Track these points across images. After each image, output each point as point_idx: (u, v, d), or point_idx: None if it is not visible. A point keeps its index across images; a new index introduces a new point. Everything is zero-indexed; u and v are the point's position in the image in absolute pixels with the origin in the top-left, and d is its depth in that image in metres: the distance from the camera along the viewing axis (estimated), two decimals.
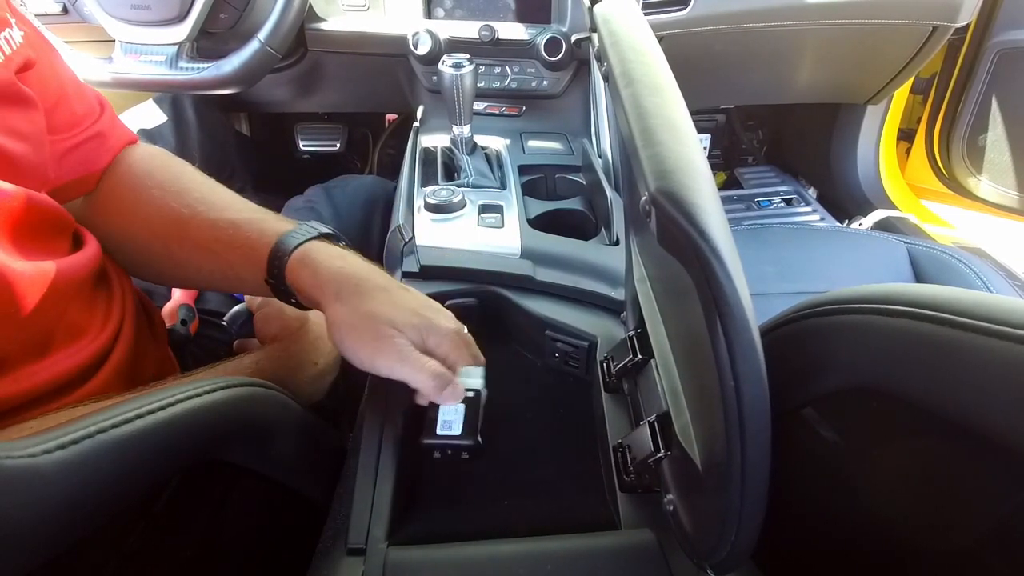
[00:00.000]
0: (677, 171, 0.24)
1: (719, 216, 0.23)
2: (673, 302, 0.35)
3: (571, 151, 0.84)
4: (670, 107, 0.29)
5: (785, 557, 0.34)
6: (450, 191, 0.66)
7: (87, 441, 0.25)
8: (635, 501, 0.40)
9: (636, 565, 0.36)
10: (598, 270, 0.58)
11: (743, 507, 0.25)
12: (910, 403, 0.26)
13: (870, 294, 0.28)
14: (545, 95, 0.92)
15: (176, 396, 0.30)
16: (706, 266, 0.22)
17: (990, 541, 0.25)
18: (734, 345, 0.22)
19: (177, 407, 0.29)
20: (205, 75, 0.86)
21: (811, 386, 0.31)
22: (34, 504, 0.22)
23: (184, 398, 0.30)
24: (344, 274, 0.45)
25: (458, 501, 0.42)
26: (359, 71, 1.04)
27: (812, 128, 1.46)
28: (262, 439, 0.38)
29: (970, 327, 0.23)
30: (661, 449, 0.36)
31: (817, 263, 0.89)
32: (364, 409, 0.47)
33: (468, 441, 0.43)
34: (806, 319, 0.31)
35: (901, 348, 0.26)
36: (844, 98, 1.29)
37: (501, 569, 0.36)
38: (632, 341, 0.45)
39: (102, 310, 0.44)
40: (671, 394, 0.37)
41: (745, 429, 0.23)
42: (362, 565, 0.36)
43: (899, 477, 0.29)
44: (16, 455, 0.22)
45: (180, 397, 0.30)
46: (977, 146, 1.21)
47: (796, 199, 1.46)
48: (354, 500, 0.40)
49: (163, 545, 0.33)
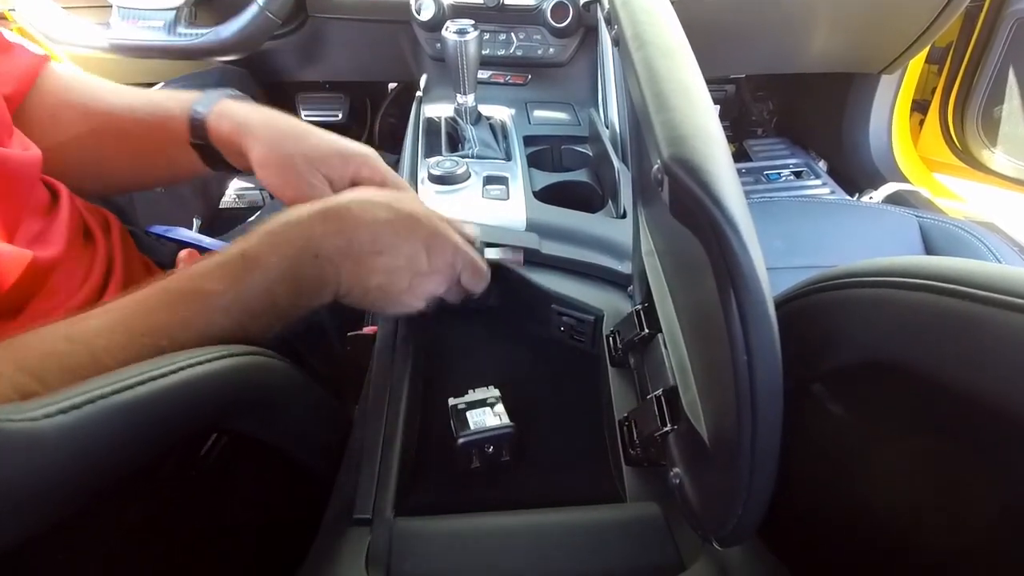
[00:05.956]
0: (691, 137, 0.23)
1: (735, 185, 0.22)
2: (682, 275, 0.35)
3: (577, 121, 0.82)
4: (684, 71, 0.27)
5: (789, 530, 0.34)
6: (454, 162, 0.65)
7: (89, 406, 0.24)
8: (641, 475, 0.40)
9: (641, 537, 0.36)
10: (605, 243, 0.58)
11: (752, 482, 0.25)
12: (924, 378, 0.25)
13: (885, 267, 0.27)
14: (551, 63, 0.90)
15: (179, 363, 0.29)
16: (721, 237, 0.21)
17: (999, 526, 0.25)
18: (748, 319, 0.22)
19: (180, 374, 0.29)
20: (204, 41, 0.85)
21: (822, 361, 0.30)
22: (35, 468, 0.22)
23: (187, 365, 0.30)
24: (264, 116, 0.48)
25: (464, 473, 0.42)
26: (361, 38, 1.02)
27: (824, 99, 1.42)
28: (266, 408, 0.38)
29: (989, 300, 0.22)
30: (668, 423, 0.36)
31: (827, 237, 0.88)
32: (370, 381, 0.47)
33: (506, 428, 0.42)
34: (819, 293, 0.30)
35: (917, 322, 0.25)
36: (858, 67, 1.26)
37: (507, 540, 0.36)
38: (639, 315, 0.45)
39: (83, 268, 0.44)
40: (678, 368, 0.36)
41: (756, 404, 0.23)
42: (369, 535, 0.36)
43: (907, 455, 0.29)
44: (17, 419, 0.22)
45: (183, 364, 0.30)
46: (992, 118, 1.18)
47: (806, 172, 1.44)
48: (361, 471, 0.40)
49: (168, 513, 0.34)
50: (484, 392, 0.45)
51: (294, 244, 0.38)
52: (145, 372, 0.28)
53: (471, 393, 0.45)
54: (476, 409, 0.43)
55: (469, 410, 0.43)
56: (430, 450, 0.45)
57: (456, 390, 0.45)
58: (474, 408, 0.44)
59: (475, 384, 0.46)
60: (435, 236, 0.43)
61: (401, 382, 0.46)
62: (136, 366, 0.29)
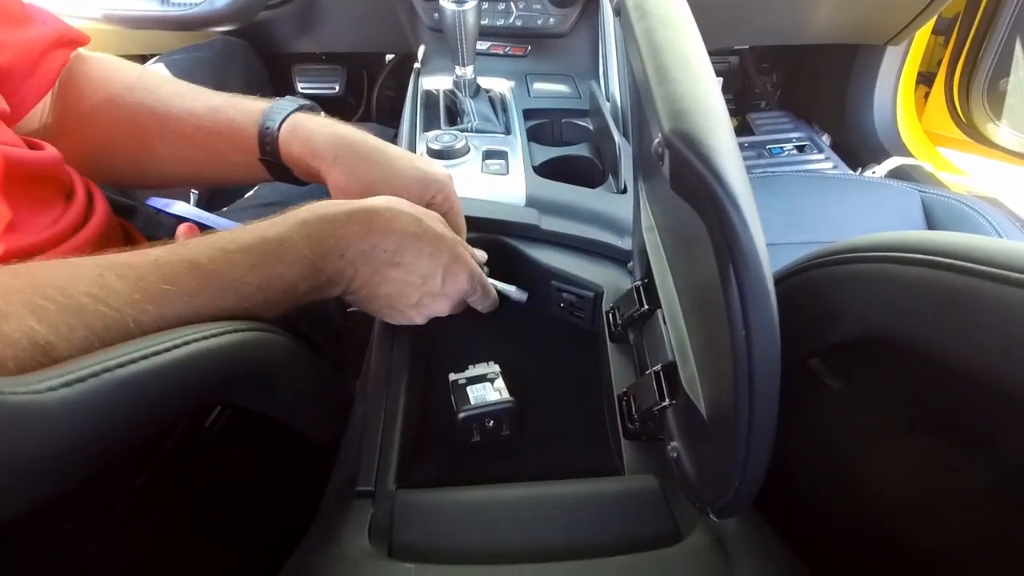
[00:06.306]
0: (693, 111, 0.23)
1: (736, 160, 0.22)
2: (683, 251, 0.35)
3: (578, 94, 0.81)
4: (686, 42, 0.27)
5: (785, 502, 0.35)
6: (453, 136, 0.64)
7: (93, 380, 0.25)
8: (639, 448, 0.41)
9: (639, 509, 0.37)
10: (605, 219, 0.57)
11: (748, 455, 0.25)
12: (922, 353, 0.25)
13: (884, 242, 0.27)
14: (551, 33, 0.88)
15: (183, 338, 0.29)
16: (721, 212, 0.21)
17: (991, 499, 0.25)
18: (747, 295, 0.22)
19: (184, 349, 0.29)
20: (198, 11, 0.83)
21: (821, 336, 0.30)
22: (38, 441, 0.22)
23: (191, 340, 0.30)
24: (338, 137, 0.46)
25: (465, 447, 0.43)
26: (357, 7, 1.00)
27: (828, 71, 1.40)
28: (269, 383, 0.38)
29: (989, 275, 0.22)
30: (666, 398, 0.36)
31: (828, 212, 0.87)
32: (371, 355, 0.47)
33: (507, 403, 0.42)
34: (818, 268, 0.30)
35: (916, 297, 0.25)
36: (864, 38, 1.23)
37: (508, 511, 0.37)
38: (639, 291, 0.45)
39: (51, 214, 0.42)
40: (677, 344, 0.37)
41: (754, 379, 0.23)
42: (371, 507, 0.37)
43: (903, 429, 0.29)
44: (20, 391, 0.22)
45: (187, 339, 0.30)
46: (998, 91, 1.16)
47: (809, 146, 1.42)
48: (363, 445, 0.41)
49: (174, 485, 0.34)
50: (484, 368, 0.45)
51: (325, 241, 0.38)
52: (149, 346, 0.28)
53: (471, 369, 0.45)
54: (477, 384, 0.44)
55: (470, 385, 0.44)
56: (431, 424, 0.45)
57: (456, 366, 0.46)
58: (475, 383, 0.44)
59: (475, 360, 0.46)
60: (455, 262, 0.43)
61: (402, 358, 0.46)
62: (141, 340, 0.29)
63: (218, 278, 0.34)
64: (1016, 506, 0.24)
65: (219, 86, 0.52)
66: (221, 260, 0.35)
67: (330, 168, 0.45)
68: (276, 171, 0.48)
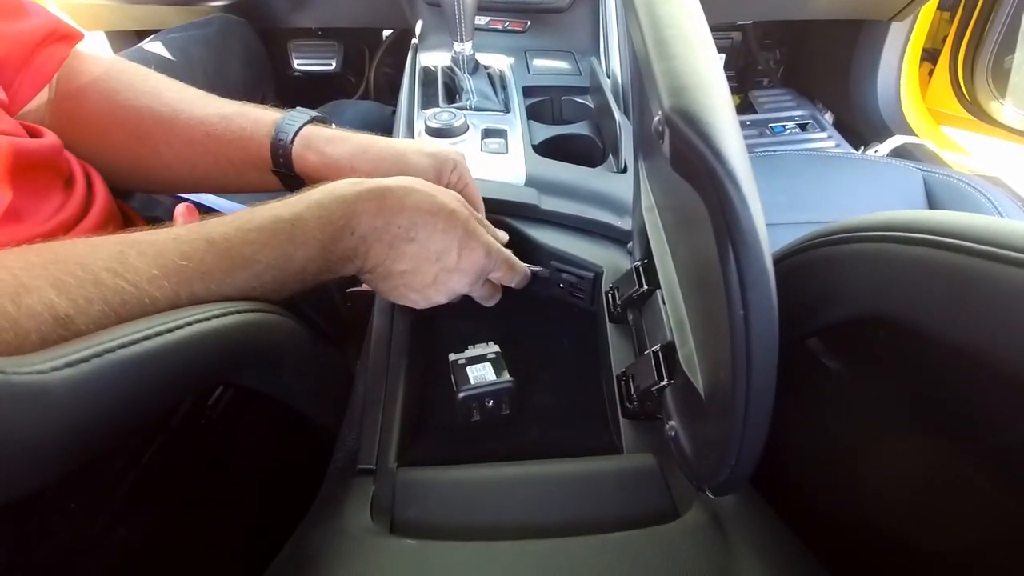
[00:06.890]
0: (693, 88, 0.23)
1: (737, 138, 0.21)
2: (682, 231, 0.35)
3: (578, 71, 0.80)
4: (687, 16, 0.27)
5: (782, 480, 0.35)
6: (452, 114, 0.63)
7: (96, 360, 0.25)
8: (637, 427, 0.41)
9: (637, 486, 0.37)
10: (605, 199, 0.57)
11: (745, 434, 0.25)
12: (921, 333, 0.25)
13: (886, 221, 0.27)
14: (551, 8, 0.87)
15: (186, 319, 0.30)
16: (721, 191, 0.21)
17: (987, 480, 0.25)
18: (745, 274, 0.22)
19: (186, 330, 0.29)
20: None
21: (820, 316, 0.30)
22: (42, 421, 0.22)
23: (194, 321, 0.30)
24: (352, 145, 0.47)
25: (465, 426, 0.43)
26: None
27: (832, 47, 1.38)
28: (271, 363, 0.38)
29: (990, 255, 0.22)
30: (665, 378, 0.37)
31: (830, 192, 0.87)
32: (370, 336, 0.48)
33: (506, 383, 0.43)
34: (818, 248, 0.30)
35: (917, 277, 0.25)
36: (869, 13, 1.21)
37: (507, 489, 0.37)
38: (638, 272, 0.45)
39: (53, 201, 0.42)
40: (676, 324, 0.37)
41: (752, 359, 0.23)
42: (372, 485, 0.37)
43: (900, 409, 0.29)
44: (24, 371, 0.22)
45: (190, 320, 0.30)
46: (1003, 68, 1.15)
47: (811, 124, 1.41)
48: (364, 423, 0.41)
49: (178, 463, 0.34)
50: (484, 348, 0.45)
51: (336, 222, 0.38)
52: (152, 327, 0.28)
53: (471, 349, 0.46)
54: (476, 364, 0.44)
55: (469, 365, 0.44)
56: (431, 404, 0.45)
57: (456, 346, 0.46)
58: (474, 363, 0.44)
59: (475, 340, 0.46)
60: (469, 236, 0.42)
61: (402, 338, 0.46)
62: (145, 320, 0.29)
63: (231, 256, 0.35)
64: (1009, 485, 0.24)
65: (218, 64, 0.51)
66: (236, 239, 0.35)
67: (349, 176, 0.44)
68: (288, 182, 0.48)
